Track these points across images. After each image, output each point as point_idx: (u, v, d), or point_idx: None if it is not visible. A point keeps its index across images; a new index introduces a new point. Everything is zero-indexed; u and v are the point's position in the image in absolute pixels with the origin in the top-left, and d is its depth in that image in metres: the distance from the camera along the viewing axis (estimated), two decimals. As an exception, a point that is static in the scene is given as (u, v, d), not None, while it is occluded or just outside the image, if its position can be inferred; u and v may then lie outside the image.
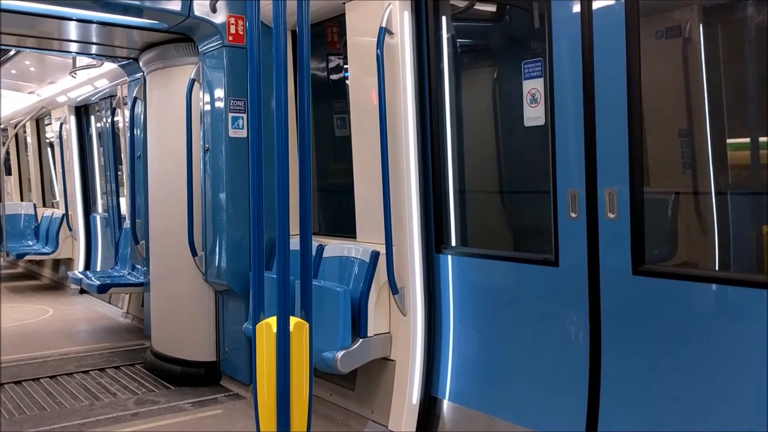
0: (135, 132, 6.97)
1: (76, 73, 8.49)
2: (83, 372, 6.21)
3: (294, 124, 4.70)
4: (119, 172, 9.08)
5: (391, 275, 4.29)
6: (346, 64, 5.06)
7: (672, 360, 3.15)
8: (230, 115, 5.33)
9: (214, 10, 5.21)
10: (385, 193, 4.25)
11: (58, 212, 11.00)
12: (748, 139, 3.67)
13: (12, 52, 8.27)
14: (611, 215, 3.31)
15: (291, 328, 2.88)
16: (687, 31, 3.77)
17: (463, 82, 4.62)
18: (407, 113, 4.30)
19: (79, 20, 5.28)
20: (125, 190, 8.03)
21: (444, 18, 4.37)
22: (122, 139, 8.49)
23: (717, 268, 3.64)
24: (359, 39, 4.56)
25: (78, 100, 9.90)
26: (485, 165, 4.88)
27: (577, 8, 3.45)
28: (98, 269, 9.81)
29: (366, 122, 4.50)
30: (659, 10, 3.69)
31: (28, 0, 4.87)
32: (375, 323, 4.40)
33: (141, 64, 6.26)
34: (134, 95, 6.88)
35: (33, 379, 5.99)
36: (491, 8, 4.75)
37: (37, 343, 7.33)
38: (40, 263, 12.15)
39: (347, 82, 5.08)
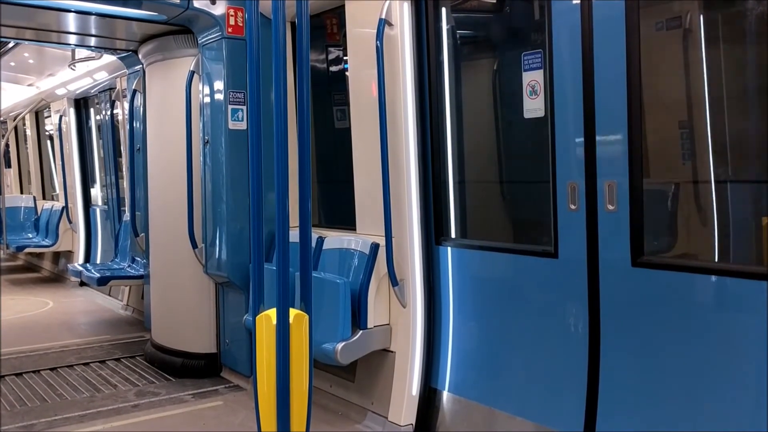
0: (134, 124, 6.96)
1: (75, 66, 8.47)
2: (84, 364, 6.23)
3: (293, 116, 4.69)
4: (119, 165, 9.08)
5: (391, 267, 4.29)
6: (346, 55, 5.05)
7: (671, 351, 3.15)
8: (230, 107, 5.32)
9: (213, 1, 5.20)
10: (384, 185, 4.25)
11: (58, 205, 11.00)
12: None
13: (11, 45, 8.25)
14: (611, 207, 3.31)
15: (291, 319, 2.89)
16: (687, 22, 3.76)
17: (462, 74, 4.61)
18: (407, 105, 4.30)
19: (77, 12, 5.26)
20: (125, 182, 8.03)
21: (444, 9, 4.36)
22: (122, 132, 8.48)
23: (716, 260, 3.65)
24: (359, 31, 4.55)
25: (77, 92, 9.88)
26: (485, 157, 4.87)
27: (577, -1, 3.44)
28: (98, 262, 9.83)
29: (366, 114, 4.50)
30: (659, 0, 3.68)
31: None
32: (375, 315, 4.41)
33: (140, 56, 6.24)
34: (133, 88, 6.87)
35: (34, 371, 6.01)
36: (491, -1, 4.74)
37: (38, 335, 7.34)
38: (40, 256, 12.16)
39: (347, 74, 5.07)
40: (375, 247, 4.42)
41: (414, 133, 4.32)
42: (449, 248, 4.31)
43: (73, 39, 6.31)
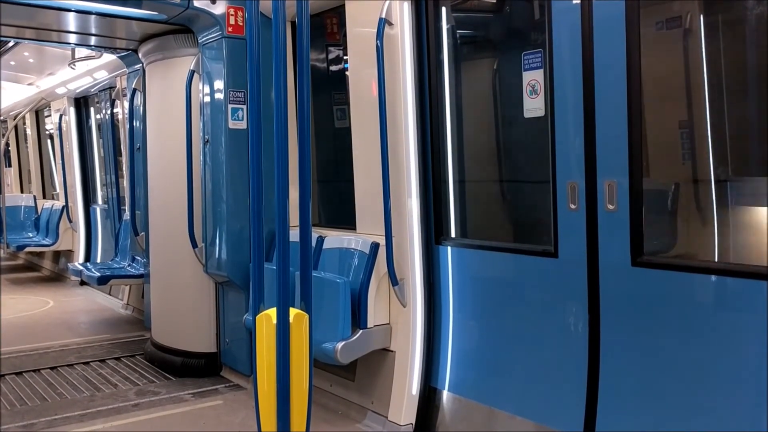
0: (134, 124, 6.96)
1: (75, 65, 8.47)
2: (84, 363, 6.23)
3: (294, 116, 4.70)
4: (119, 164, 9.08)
5: (391, 267, 4.29)
6: (346, 55, 5.05)
7: (671, 351, 3.15)
8: (230, 106, 5.32)
9: (213, 1, 5.20)
10: (384, 185, 4.25)
11: (59, 204, 11.00)
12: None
13: (11, 44, 8.24)
14: (611, 207, 3.31)
15: (291, 319, 2.89)
16: (688, 22, 3.76)
17: (463, 73, 4.61)
18: (407, 104, 4.30)
19: (78, 11, 5.27)
20: (125, 181, 8.03)
21: (444, 9, 4.36)
22: (122, 131, 8.48)
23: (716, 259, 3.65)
24: (359, 30, 4.55)
25: (77, 91, 9.88)
26: (485, 156, 4.87)
27: (577, -1, 3.44)
28: (98, 261, 9.83)
29: (366, 114, 4.50)
30: (660, 0, 3.68)
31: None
32: (375, 314, 4.41)
33: (140, 55, 6.24)
34: (133, 87, 6.87)
35: (34, 370, 6.01)
36: (491, -1, 4.74)
37: (38, 334, 7.34)
38: (40, 255, 12.16)
39: (347, 73, 5.07)
40: (375, 247, 4.42)
41: (414, 133, 4.32)
42: (449, 248, 4.31)
43: (73, 38, 6.31)
